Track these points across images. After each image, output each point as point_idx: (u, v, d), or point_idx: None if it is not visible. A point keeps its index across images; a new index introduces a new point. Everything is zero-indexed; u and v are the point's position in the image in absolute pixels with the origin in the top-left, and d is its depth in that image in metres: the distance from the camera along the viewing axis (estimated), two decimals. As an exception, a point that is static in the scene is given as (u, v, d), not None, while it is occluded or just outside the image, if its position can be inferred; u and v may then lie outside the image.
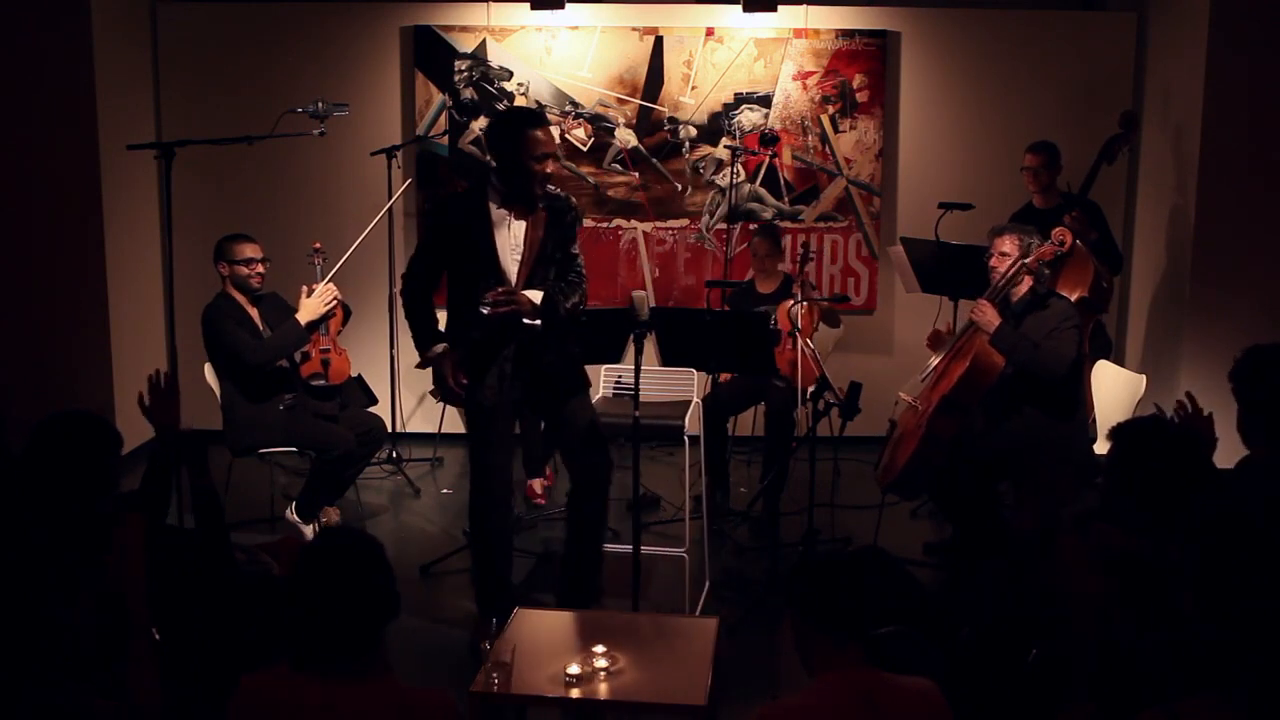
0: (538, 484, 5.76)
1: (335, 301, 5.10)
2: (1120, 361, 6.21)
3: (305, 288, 5.09)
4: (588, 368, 4.59)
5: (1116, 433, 2.82)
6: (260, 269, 4.98)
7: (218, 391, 5.06)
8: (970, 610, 3.10)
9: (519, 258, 4.05)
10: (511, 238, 4.05)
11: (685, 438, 4.66)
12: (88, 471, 2.81)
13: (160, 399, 3.17)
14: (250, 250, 4.96)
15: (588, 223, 6.60)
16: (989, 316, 4.46)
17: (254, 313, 5.01)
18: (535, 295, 4.02)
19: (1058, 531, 2.64)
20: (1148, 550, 2.49)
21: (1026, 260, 4.50)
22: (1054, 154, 5.57)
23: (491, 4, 6.49)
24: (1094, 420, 5.17)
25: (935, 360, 4.77)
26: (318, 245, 5.33)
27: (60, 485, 2.77)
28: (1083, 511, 2.91)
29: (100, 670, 2.37)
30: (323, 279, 5.16)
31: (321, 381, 5.11)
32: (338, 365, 5.14)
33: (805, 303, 5.14)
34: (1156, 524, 2.63)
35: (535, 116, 4.21)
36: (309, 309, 5.00)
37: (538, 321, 4.01)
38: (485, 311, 3.94)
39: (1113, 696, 2.31)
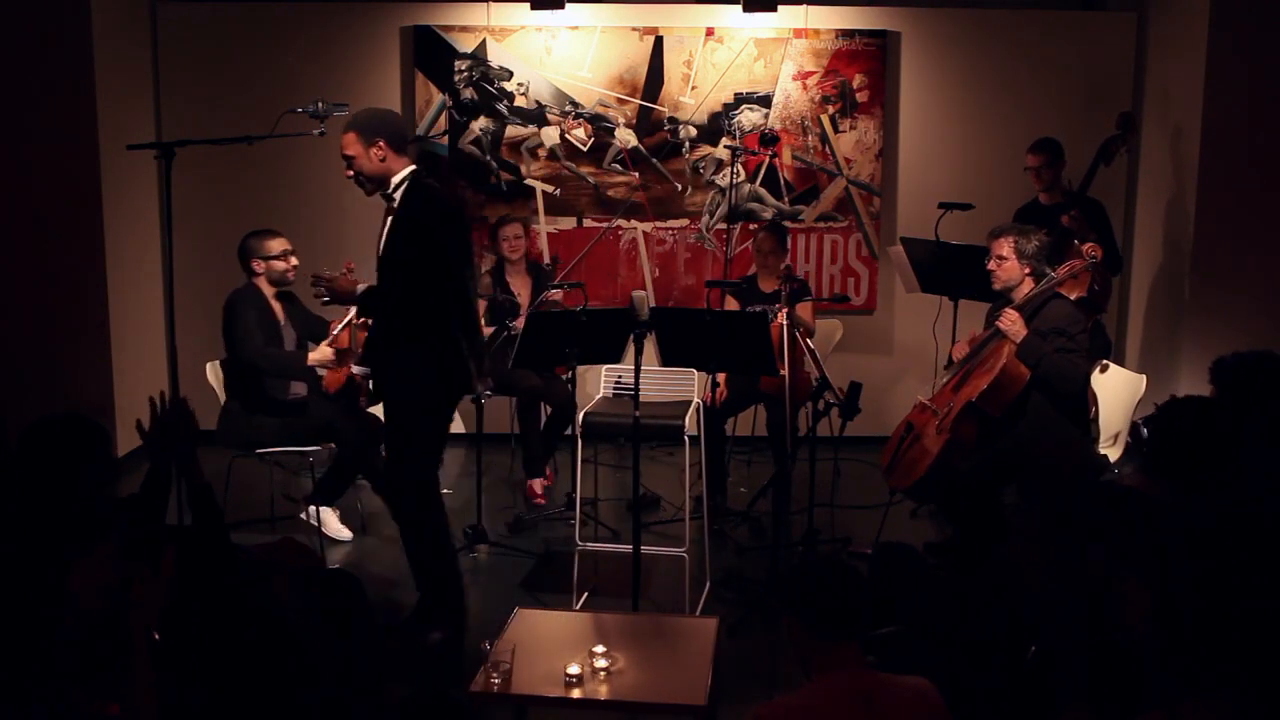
0: (538, 484, 5.76)
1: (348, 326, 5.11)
2: (1120, 361, 6.21)
3: (334, 323, 5.07)
4: (588, 369, 4.60)
5: (1159, 410, 2.89)
6: (294, 260, 5.05)
7: (219, 391, 5.06)
8: (971, 610, 3.10)
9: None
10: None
11: (685, 438, 4.66)
12: (76, 474, 2.80)
13: (170, 425, 3.07)
14: (281, 244, 5.03)
15: (588, 222, 6.61)
16: (1018, 327, 4.43)
17: (278, 307, 5.03)
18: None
19: (1049, 533, 2.66)
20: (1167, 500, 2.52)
21: (1055, 274, 4.50)
22: (1056, 151, 5.58)
23: (491, 4, 6.49)
24: (1094, 416, 5.18)
25: (953, 367, 4.76)
26: (350, 265, 5.30)
27: (50, 488, 2.76)
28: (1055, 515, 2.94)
29: (99, 672, 2.36)
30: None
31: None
32: (331, 378, 5.14)
33: (793, 325, 5.04)
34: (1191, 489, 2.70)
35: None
36: (320, 354, 4.99)
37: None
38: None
39: (1112, 697, 2.31)
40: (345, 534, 5.22)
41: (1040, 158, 5.57)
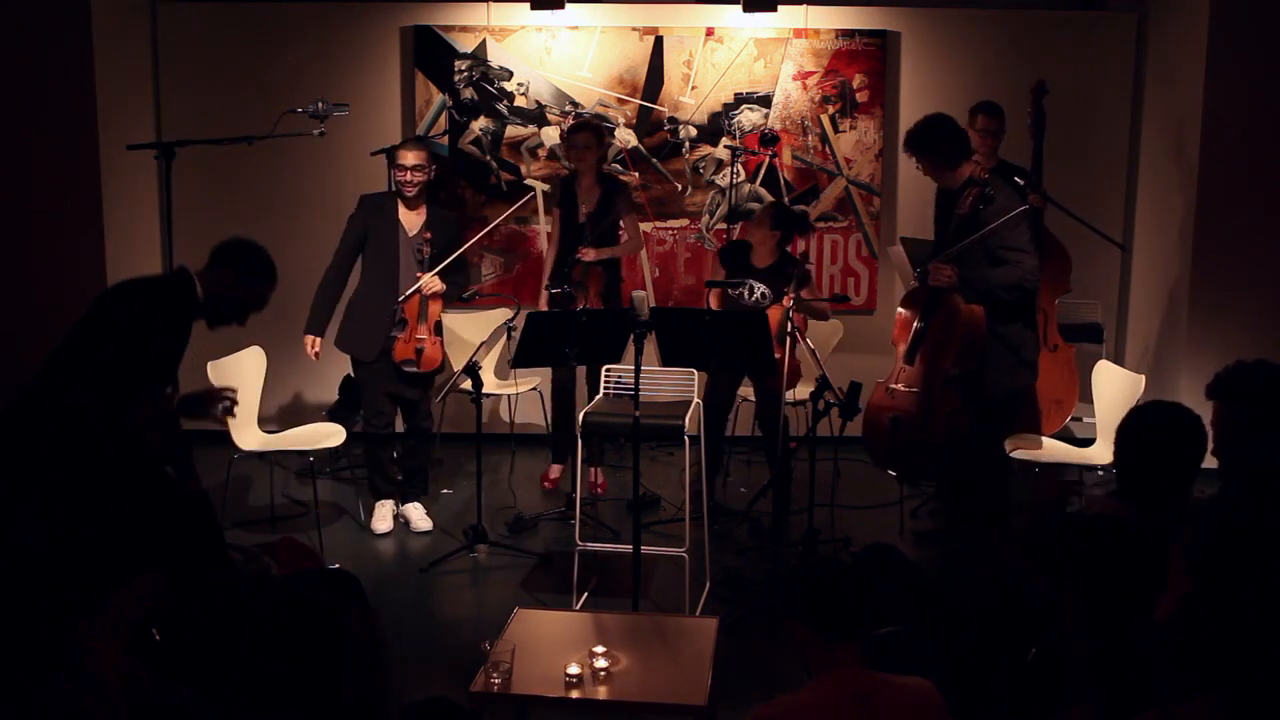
0: (555, 470, 5.83)
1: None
2: (1120, 361, 6.21)
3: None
4: (588, 368, 4.57)
5: (1120, 433, 2.84)
6: (411, 176, 5.06)
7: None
8: (972, 609, 3.10)
9: None
10: None
11: (685, 438, 4.66)
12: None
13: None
14: (408, 157, 5.07)
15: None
16: (949, 275, 4.48)
17: (410, 216, 5.15)
18: None
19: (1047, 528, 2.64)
20: (1135, 521, 2.48)
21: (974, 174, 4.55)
22: (1003, 114, 5.58)
23: (491, 4, 6.49)
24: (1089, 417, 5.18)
25: (903, 346, 4.80)
26: (429, 235, 5.24)
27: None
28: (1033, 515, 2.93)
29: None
30: (429, 268, 5.12)
31: (414, 368, 5.18)
32: (430, 353, 5.19)
33: (797, 311, 5.05)
34: (1161, 510, 2.66)
35: None
36: (308, 345, 5.20)
37: None
38: None
39: (1112, 697, 2.30)
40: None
41: (994, 120, 5.48)
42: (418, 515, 5.36)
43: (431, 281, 5.07)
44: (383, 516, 5.31)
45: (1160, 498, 2.73)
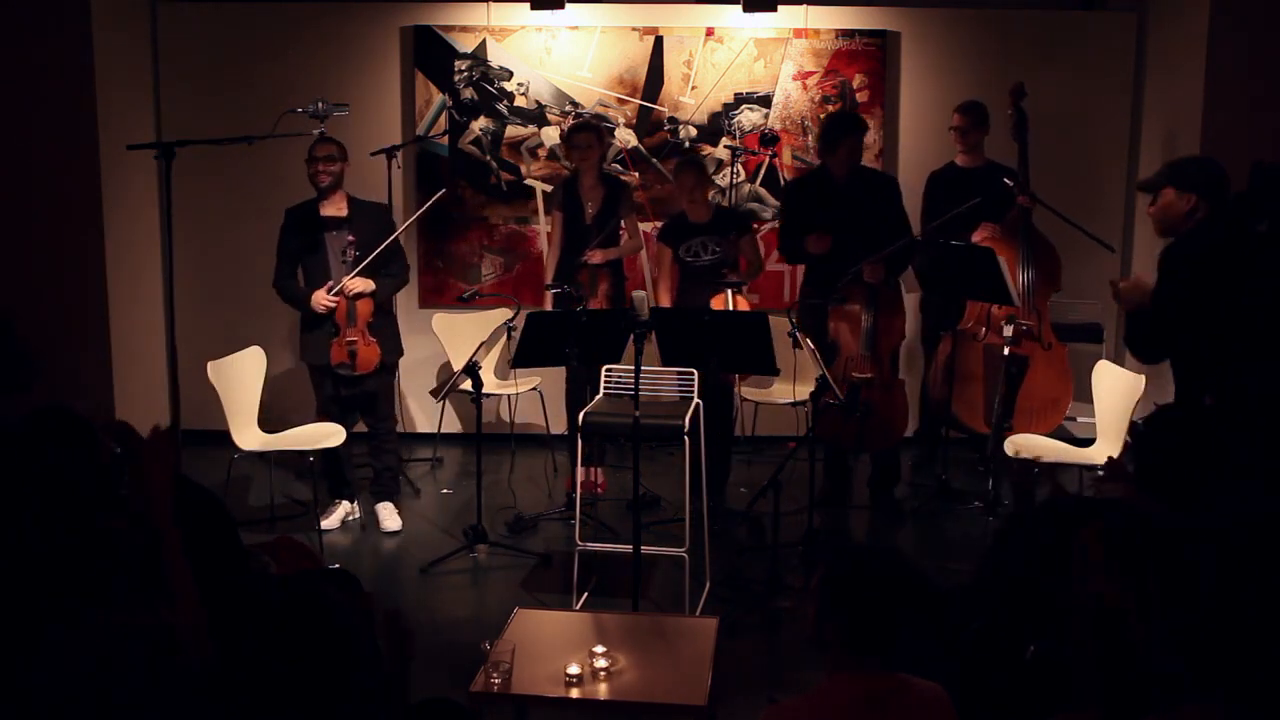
0: (582, 474, 5.78)
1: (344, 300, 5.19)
2: (1120, 361, 6.21)
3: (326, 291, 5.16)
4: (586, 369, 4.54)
5: (1146, 425, 2.86)
6: (323, 167, 5.17)
7: (219, 391, 5.07)
8: (973, 608, 3.09)
9: None
10: None
11: (685, 437, 4.66)
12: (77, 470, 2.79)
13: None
14: (319, 149, 5.20)
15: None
16: (882, 272, 5.17)
17: (330, 207, 5.25)
18: None
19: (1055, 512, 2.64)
20: (1164, 517, 2.48)
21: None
22: (982, 114, 5.73)
23: (491, 4, 6.49)
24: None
25: (855, 338, 5.29)
26: (351, 238, 5.29)
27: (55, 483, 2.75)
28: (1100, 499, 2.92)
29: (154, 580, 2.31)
30: (353, 269, 5.14)
31: (348, 371, 5.21)
32: (365, 355, 5.21)
33: (736, 290, 5.39)
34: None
35: None
36: (316, 300, 5.15)
37: None
38: None
39: (1114, 700, 2.30)
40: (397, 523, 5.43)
41: (967, 118, 5.72)
42: (386, 514, 5.40)
43: (353, 283, 5.10)
44: (331, 514, 5.38)
45: (1182, 491, 2.74)
